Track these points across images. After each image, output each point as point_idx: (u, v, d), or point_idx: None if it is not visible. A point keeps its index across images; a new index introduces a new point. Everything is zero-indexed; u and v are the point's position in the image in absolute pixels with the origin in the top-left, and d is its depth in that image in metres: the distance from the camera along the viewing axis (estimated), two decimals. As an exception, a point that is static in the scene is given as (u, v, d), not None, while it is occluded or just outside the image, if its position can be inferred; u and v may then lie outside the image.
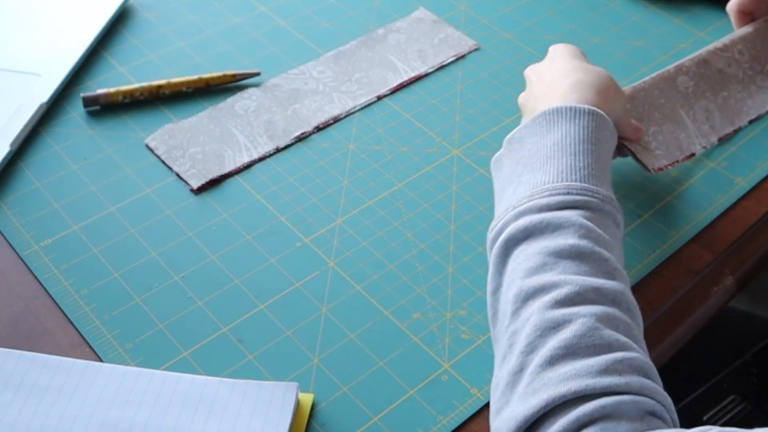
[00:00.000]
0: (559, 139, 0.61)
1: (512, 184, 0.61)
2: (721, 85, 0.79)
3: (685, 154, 0.75)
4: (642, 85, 0.76)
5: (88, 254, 0.70)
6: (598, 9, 0.96)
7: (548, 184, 0.59)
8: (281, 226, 0.73)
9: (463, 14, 0.95)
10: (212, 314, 0.66)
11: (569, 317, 0.52)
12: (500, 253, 0.58)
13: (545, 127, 0.62)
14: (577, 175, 0.59)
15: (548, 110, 0.63)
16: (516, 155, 0.63)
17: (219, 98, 0.84)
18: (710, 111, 0.78)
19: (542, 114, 0.63)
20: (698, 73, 0.79)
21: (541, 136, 0.62)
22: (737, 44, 0.81)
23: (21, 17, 0.91)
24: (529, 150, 0.62)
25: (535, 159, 0.61)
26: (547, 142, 0.61)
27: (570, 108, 0.62)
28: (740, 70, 0.81)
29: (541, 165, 0.60)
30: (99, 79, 0.85)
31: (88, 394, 0.59)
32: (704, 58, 0.79)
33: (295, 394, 0.59)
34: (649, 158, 0.73)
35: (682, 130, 0.76)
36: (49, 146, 0.79)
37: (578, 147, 0.60)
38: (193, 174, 0.76)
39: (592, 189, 0.58)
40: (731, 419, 1.03)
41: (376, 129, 0.82)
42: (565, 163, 0.59)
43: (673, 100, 0.77)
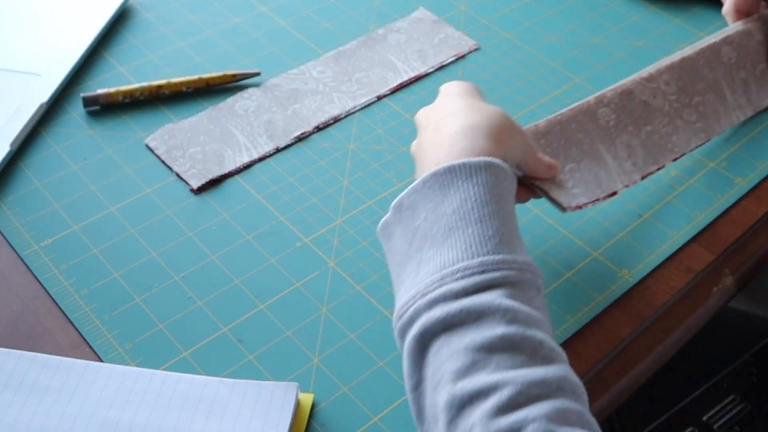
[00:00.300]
0: (458, 205, 0.54)
1: (412, 260, 0.55)
2: (645, 118, 0.74)
3: (605, 193, 0.68)
4: (558, 118, 0.71)
5: (88, 254, 0.70)
6: (598, 9, 0.96)
7: (459, 263, 0.52)
8: (281, 226, 0.73)
9: (463, 14, 0.95)
10: (212, 314, 0.66)
11: (518, 425, 0.46)
12: (416, 347, 0.51)
13: (439, 192, 0.55)
14: (488, 247, 0.53)
15: (439, 171, 0.56)
16: (410, 224, 0.56)
17: (219, 98, 0.84)
18: (633, 147, 0.72)
19: (433, 176, 0.56)
20: (621, 105, 0.73)
21: (437, 203, 0.55)
22: (663, 74, 0.76)
23: (21, 17, 0.91)
24: (425, 219, 0.55)
25: (434, 230, 0.54)
26: (445, 210, 0.54)
27: (463, 165, 0.55)
28: (666, 103, 0.75)
29: (443, 238, 0.54)
30: (99, 79, 0.85)
31: (88, 394, 0.59)
32: (628, 89, 0.74)
33: (295, 394, 0.59)
34: (564, 196, 0.66)
35: (601, 168, 0.70)
36: (49, 146, 0.79)
37: (482, 212, 0.54)
38: (193, 174, 0.76)
39: (508, 260, 0.52)
40: (731, 419, 1.03)
41: (376, 129, 0.82)
42: (471, 233, 0.53)
43: (592, 135, 0.71)
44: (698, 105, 0.77)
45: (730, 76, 0.79)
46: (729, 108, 0.78)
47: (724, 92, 0.78)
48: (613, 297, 0.68)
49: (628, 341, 0.66)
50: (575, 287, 0.68)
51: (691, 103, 0.76)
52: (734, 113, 0.79)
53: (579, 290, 0.68)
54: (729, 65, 0.80)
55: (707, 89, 0.78)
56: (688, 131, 0.75)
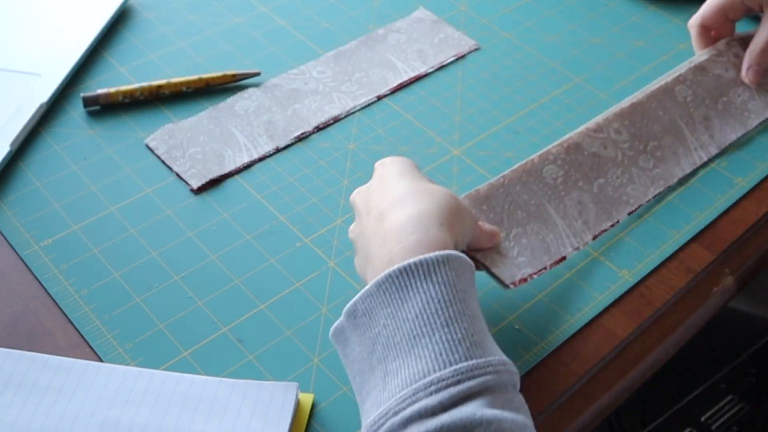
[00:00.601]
0: (420, 309, 0.50)
1: (376, 370, 0.50)
2: (597, 171, 0.72)
3: (553, 259, 0.66)
4: (501, 181, 0.68)
5: (88, 254, 0.70)
6: (598, 9, 0.96)
7: (430, 375, 0.48)
8: (281, 226, 0.73)
9: (463, 14, 0.95)
10: (212, 314, 0.66)
11: None
12: None
13: (397, 295, 0.51)
14: (460, 352, 0.48)
15: (393, 272, 0.51)
16: (368, 332, 0.51)
17: (219, 98, 0.84)
18: (584, 203, 0.70)
19: (387, 278, 0.51)
20: (568, 161, 0.71)
21: (396, 308, 0.50)
22: (613, 123, 0.74)
23: (21, 17, 0.91)
24: (385, 326, 0.50)
25: (397, 338, 0.50)
26: (407, 315, 0.50)
27: (420, 263, 0.51)
28: (618, 152, 0.73)
29: (409, 347, 0.49)
30: (99, 79, 0.85)
31: (88, 394, 0.59)
32: (575, 143, 0.72)
33: (295, 394, 0.59)
34: (506, 270, 0.63)
35: (549, 230, 0.67)
36: (49, 146, 0.79)
37: (447, 313, 0.49)
38: (193, 174, 0.76)
39: (482, 364, 0.48)
40: (729, 419, 1.03)
41: (376, 129, 0.82)
42: (439, 339, 0.49)
43: (539, 195, 0.69)
44: (655, 150, 0.75)
45: (688, 115, 0.78)
46: (690, 148, 0.76)
47: (683, 132, 0.76)
48: (613, 297, 0.68)
49: (628, 341, 0.66)
50: (575, 287, 0.68)
51: (646, 149, 0.75)
52: (696, 153, 0.76)
53: (579, 290, 0.68)
54: (685, 104, 0.78)
55: (663, 132, 0.76)
56: (645, 179, 0.73)
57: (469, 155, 0.79)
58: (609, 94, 0.85)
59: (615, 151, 0.74)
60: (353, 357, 0.53)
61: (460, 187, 0.76)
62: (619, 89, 0.86)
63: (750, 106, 0.80)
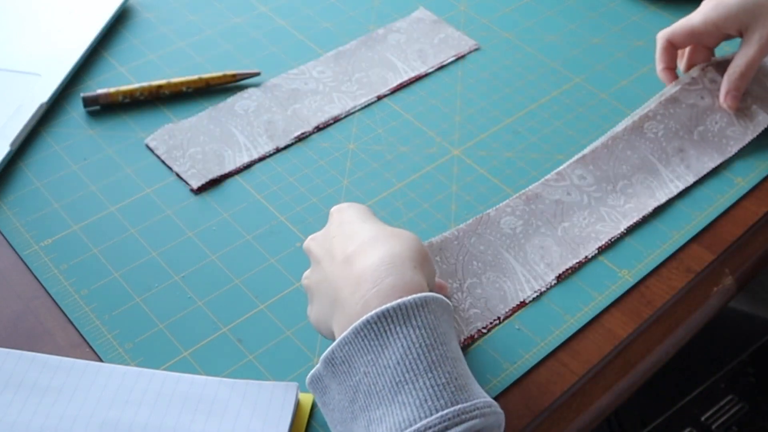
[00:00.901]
0: (402, 355, 0.48)
1: (358, 419, 0.49)
2: (561, 216, 0.71)
3: (509, 307, 0.66)
4: (455, 234, 0.68)
5: (88, 254, 0.70)
6: (598, 9, 0.96)
7: (417, 422, 0.47)
8: (281, 226, 0.73)
9: (463, 14, 0.95)
10: (212, 314, 0.66)
11: None
12: None
13: (376, 342, 0.49)
14: (445, 397, 0.48)
15: (371, 318, 0.49)
16: (347, 380, 0.50)
17: (219, 98, 0.84)
18: (546, 247, 0.69)
19: (365, 324, 0.49)
20: (528, 210, 0.71)
21: (376, 355, 0.49)
22: (576, 169, 0.74)
23: (21, 17, 0.91)
24: (366, 374, 0.49)
25: (379, 386, 0.49)
26: (388, 362, 0.49)
27: (398, 308, 0.50)
28: (584, 196, 0.73)
29: (392, 395, 0.48)
30: (99, 79, 0.85)
31: (88, 394, 0.59)
32: (534, 193, 0.72)
33: (295, 394, 0.59)
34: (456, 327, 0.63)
35: (507, 278, 0.67)
36: (49, 146, 0.79)
37: (429, 358, 0.48)
38: (193, 174, 0.76)
39: (468, 408, 0.48)
40: (729, 419, 1.03)
41: (376, 129, 0.82)
42: (423, 385, 0.48)
43: (496, 245, 0.69)
44: (625, 188, 0.74)
45: (660, 150, 0.77)
46: (664, 181, 0.75)
47: (656, 167, 0.76)
48: (613, 297, 0.68)
49: (628, 341, 0.66)
50: (575, 287, 0.68)
51: (615, 189, 0.74)
52: (673, 184, 0.75)
53: (579, 290, 0.68)
54: (656, 139, 0.77)
55: (634, 170, 0.75)
56: (616, 215, 0.72)
57: (469, 155, 0.79)
58: (609, 94, 0.85)
59: (580, 195, 0.73)
60: (333, 405, 0.52)
61: (460, 187, 0.76)
62: (619, 89, 0.86)
63: (729, 133, 0.79)
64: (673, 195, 0.75)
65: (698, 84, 0.82)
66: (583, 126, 0.82)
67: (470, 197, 0.75)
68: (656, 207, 0.74)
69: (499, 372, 0.63)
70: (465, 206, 0.74)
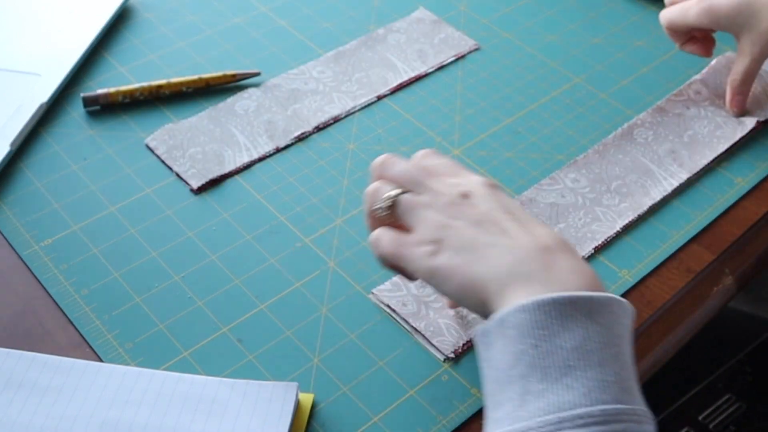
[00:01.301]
0: (579, 343, 0.49)
1: (514, 384, 0.50)
2: (556, 218, 0.72)
3: None
4: None
5: (88, 254, 0.70)
6: (598, 9, 0.96)
7: (578, 408, 0.48)
8: (281, 226, 0.73)
9: (463, 14, 0.95)
10: (212, 314, 0.66)
11: None
12: None
13: (557, 322, 0.50)
14: (610, 394, 0.49)
15: (560, 299, 0.50)
16: (513, 345, 0.51)
17: (219, 98, 0.84)
18: None
19: (552, 303, 0.50)
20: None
21: (552, 333, 0.50)
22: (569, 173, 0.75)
23: (21, 17, 0.91)
24: (536, 347, 0.50)
25: (547, 363, 0.49)
26: (563, 344, 0.49)
27: (590, 299, 0.51)
28: (579, 197, 0.74)
29: (558, 374, 0.49)
30: (99, 79, 0.85)
31: (88, 394, 0.59)
32: (529, 198, 0.73)
33: (295, 394, 0.59)
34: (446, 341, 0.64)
35: None
36: (49, 146, 0.79)
37: (602, 354, 0.50)
38: (193, 174, 0.76)
39: (628, 411, 0.49)
40: (726, 419, 1.03)
41: (376, 129, 0.82)
42: (592, 376, 0.49)
43: None
44: (620, 187, 0.75)
45: (651, 152, 0.78)
46: (658, 179, 0.76)
47: (649, 167, 0.76)
48: (613, 297, 0.68)
49: (628, 341, 0.66)
50: (575, 287, 0.68)
51: (610, 189, 0.74)
52: (666, 182, 0.76)
53: (579, 290, 0.68)
54: (647, 144, 0.78)
55: (627, 171, 0.76)
56: (611, 215, 0.73)
57: (469, 155, 0.79)
58: (609, 94, 0.86)
59: (575, 197, 0.74)
60: (493, 363, 0.52)
61: (460, 187, 0.76)
62: (619, 89, 0.86)
63: (718, 134, 0.80)
64: (667, 192, 0.75)
65: (683, 96, 0.84)
66: (583, 126, 0.82)
67: (470, 197, 0.75)
68: (652, 205, 0.74)
69: (499, 372, 0.63)
70: (465, 206, 0.74)
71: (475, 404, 0.61)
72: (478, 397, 0.62)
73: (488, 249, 0.54)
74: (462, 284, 0.54)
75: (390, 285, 0.68)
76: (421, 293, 0.67)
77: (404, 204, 0.57)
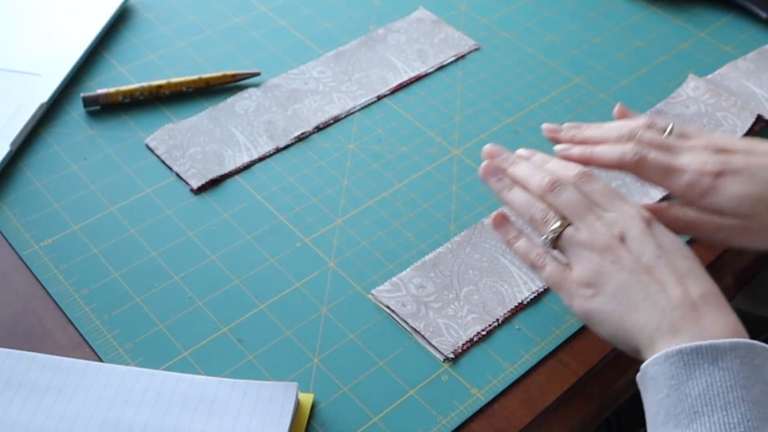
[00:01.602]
0: (704, 389, 0.53)
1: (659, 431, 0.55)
2: None
3: (508, 308, 0.66)
4: (449, 247, 0.70)
5: (88, 254, 0.70)
6: (598, 9, 0.96)
7: None
8: (281, 226, 0.73)
9: (463, 14, 0.95)
10: (212, 314, 0.66)
11: None
12: None
13: (684, 371, 0.54)
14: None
15: (685, 350, 0.54)
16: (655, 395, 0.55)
17: (219, 98, 0.84)
18: None
19: (678, 354, 0.54)
20: None
21: (680, 381, 0.53)
22: None
23: (21, 17, 0.91)
24: (667, 395, 0.54)
25: (678, 410, 0.53)
26: (690, 392, 0.53)
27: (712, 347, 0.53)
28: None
29: (688, 421, 0.53)
30: (99, 79, 0.85)
31: (88, 394, 0.59)
32: None
33: (295, 394, 0.59)
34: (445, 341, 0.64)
35: (504, 281, 0.68)
36: (49, 146, 0.79)
37: (726, 398, 0.52)
38: (193, 174, 0.76)
39: None
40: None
41: (376, 129, 0.82)
42: (717, 420, 0.52)
43: (491, 251, 0.70)
44: (619, 188, 0.75)
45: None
46: None
47: None
48: (613, 297, 0.68)
49: (628, 341, 0.66)
50: (575, 287, 0.68)
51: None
52: None
53: (579, 290, 0.68)
54: None
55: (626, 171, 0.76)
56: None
57: (469, 155, 0.79)
58: (609, 94, 0.86)
59: None
60: (646, 408, 0.56)
61: (460, 187, 0.76)
62: (619, 89, 0.86)
63: (719, 132, 0.80)
64: (667, 193, 0.75)
65: (681, 96, 0.84)
66: (583, 126, 0.82)
67: (470, 197, 0.75)
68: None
69: (499, 372, 0.63)
70: (465, 206, 0.74)
71: (475, 404, 0.61)
72: (478, 397, 0.62)
73: (640, 301, 0.57)
74: (615, 331, 0.58)
75: (389, 285, 0.68)
76: (421, 293, 0.67)
77: (566, 240, 0.60)
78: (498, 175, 0.64)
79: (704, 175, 0.63)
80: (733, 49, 0.90)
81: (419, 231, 0.72)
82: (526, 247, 0.63)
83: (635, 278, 0.58)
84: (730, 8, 0.95)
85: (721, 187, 0.62)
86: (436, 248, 0.70)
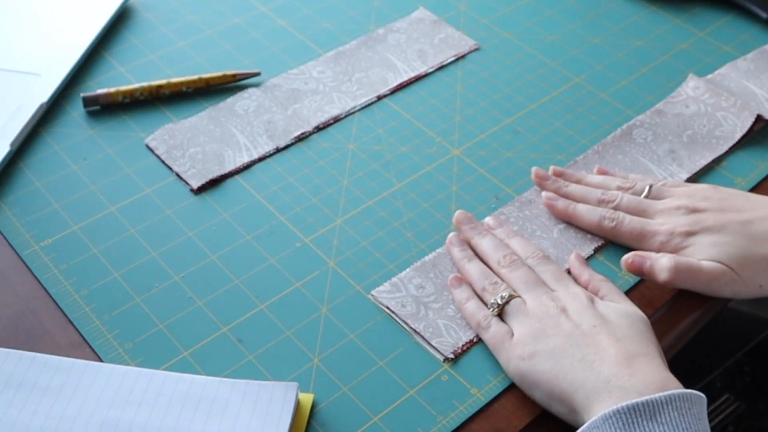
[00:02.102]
0: None
1: None
2: (556, 219, 0.72)
3: None
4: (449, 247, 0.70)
5: (88, 254, 0.70)
6: (598, 9, 0.96)
7: None
8: (281, 226, 0.73)
9: (463, 14, 0.95)
10: (212, 314, 0.66)
11: None
12: None
13: (623, 430, 0.54)
14: None
15: (622, 409, 0.54)
16: None
17: (219, 98, 0.84)
18: (543, 250, 0.69)
19: (615, 414, 0.54)
20: (522, 216, 0.72)
21: None
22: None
23: (21, 17, 0.91)
24: None
25: None
26: None
27: (647, 404, 0.54)
28: None
29: None
30: (99, 79, 0.85)
31: (88, 394, 0.59)
32: (527, 199, 0.74)
33: (295, 394, 0.59)
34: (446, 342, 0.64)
35: None
36: (49, 146, 0.79)
37: None
38: (193, 174, 0.76)
39: None
40: (725, 418, 1.03)
41: (376, 129, 0.82)
42: None
43: None
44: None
45: (651, 152, 0.78)
46: (658, 179, 0.75)
47: (648, 167, 0.77)
48: (613, 297, 0.68)
49: (628, 341, 0.66)
50: (575, 287, 0.68)
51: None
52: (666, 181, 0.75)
53: (579, 290, 0.68)
54: (646, 144, 0.79)
55: (626, 171, 0.76)
56: None
57: (469, 155, 0.79)
58: (609, 94, 0.86)
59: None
60: None
61: (460, 187, 0.76)
62: (619, 89, 0.86)
63: (717, 133, 0.80)
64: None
65: (681, 95, 0.83)
66: (583, 126, 0.82)
67: (470, 197, 0.75)
68: None
69: (499, 372, 0.63)
70: (465, 206, 0.74)
71: (475, 404, 0.61)
72: (478, 397, 0.62)
73: (576, 361, 0.59)
74: (551, 392, 0.59)
75: (389, 286, 0.68)
76: (420, 294, 0.67)
77: (512, 308, 0.64)
78: (462, 246, 0.69)
79: (675, 236, 0.68)
80: (733, 49, 0.90)
81: (419, 231, 0.72)
82: (474, 309, 0.65)
83: (572, 341, 0.60)
84: (730, 8, 0.95)
85: (694, 244, 0.67)
86: (436, 248, 0.71)
